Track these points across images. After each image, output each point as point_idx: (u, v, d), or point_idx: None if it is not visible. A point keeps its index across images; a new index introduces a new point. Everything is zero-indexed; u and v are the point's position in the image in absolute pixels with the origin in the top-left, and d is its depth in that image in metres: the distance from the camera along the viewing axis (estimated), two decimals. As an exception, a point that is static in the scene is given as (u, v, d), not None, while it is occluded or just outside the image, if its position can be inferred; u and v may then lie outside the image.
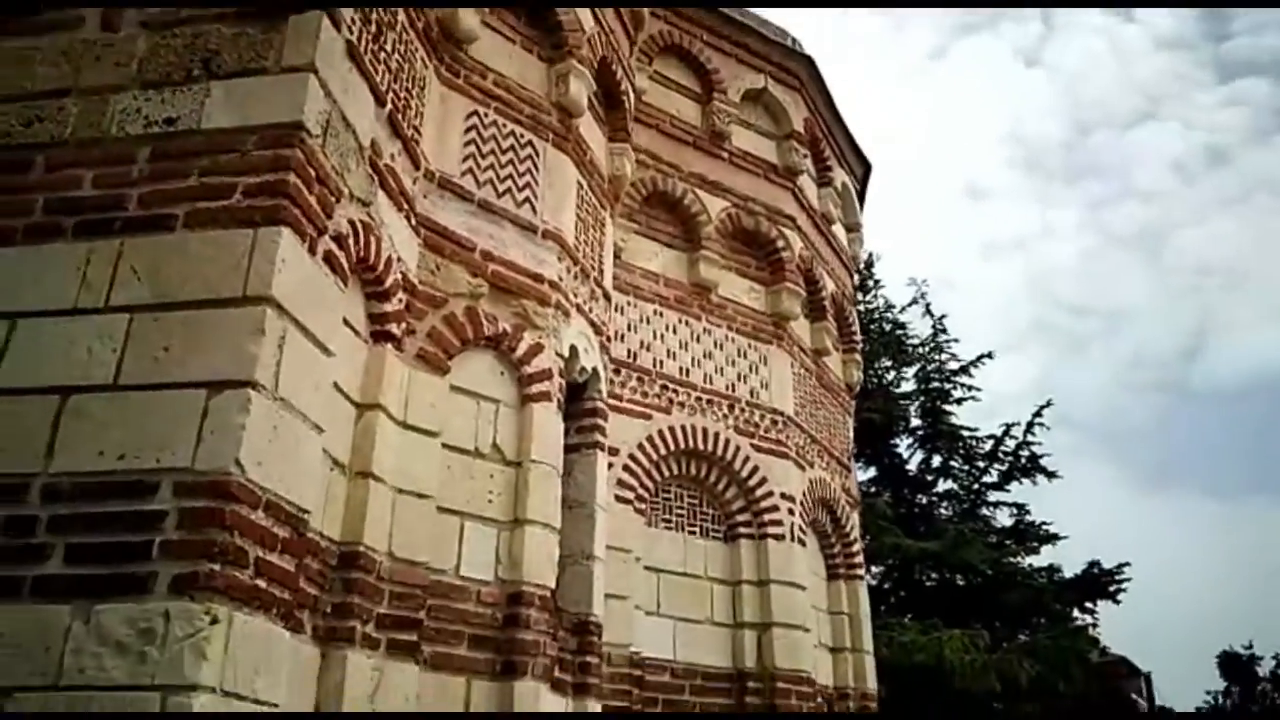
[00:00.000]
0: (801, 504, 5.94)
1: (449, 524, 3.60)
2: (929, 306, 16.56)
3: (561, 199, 4.52)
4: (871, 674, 6.48)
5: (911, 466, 15.98)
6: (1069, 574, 14.92)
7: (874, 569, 14.27)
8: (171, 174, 2.81)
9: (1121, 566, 14.54)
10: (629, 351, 5.52)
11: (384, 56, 3.52)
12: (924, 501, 15.84)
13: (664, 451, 5.44)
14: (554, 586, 3.89)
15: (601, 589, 4.30)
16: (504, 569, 3.68)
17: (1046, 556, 15.56)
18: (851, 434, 7.55)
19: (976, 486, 15.73)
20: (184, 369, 2.53)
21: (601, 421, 4.69)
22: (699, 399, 5.70)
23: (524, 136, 4.43)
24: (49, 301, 2.68)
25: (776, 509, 5.70)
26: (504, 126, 4.36)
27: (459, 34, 4.18)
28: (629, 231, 5.71)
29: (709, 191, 6.17)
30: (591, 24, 4.87)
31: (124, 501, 2.38)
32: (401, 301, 3.61)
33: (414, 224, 3.78)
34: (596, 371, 4.66)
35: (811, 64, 6.99)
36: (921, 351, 16.45)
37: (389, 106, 3.53)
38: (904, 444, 16.05)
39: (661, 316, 5.77)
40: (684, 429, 5.56)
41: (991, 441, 15.56)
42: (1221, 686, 20.86)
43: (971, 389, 15.80)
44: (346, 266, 3.14)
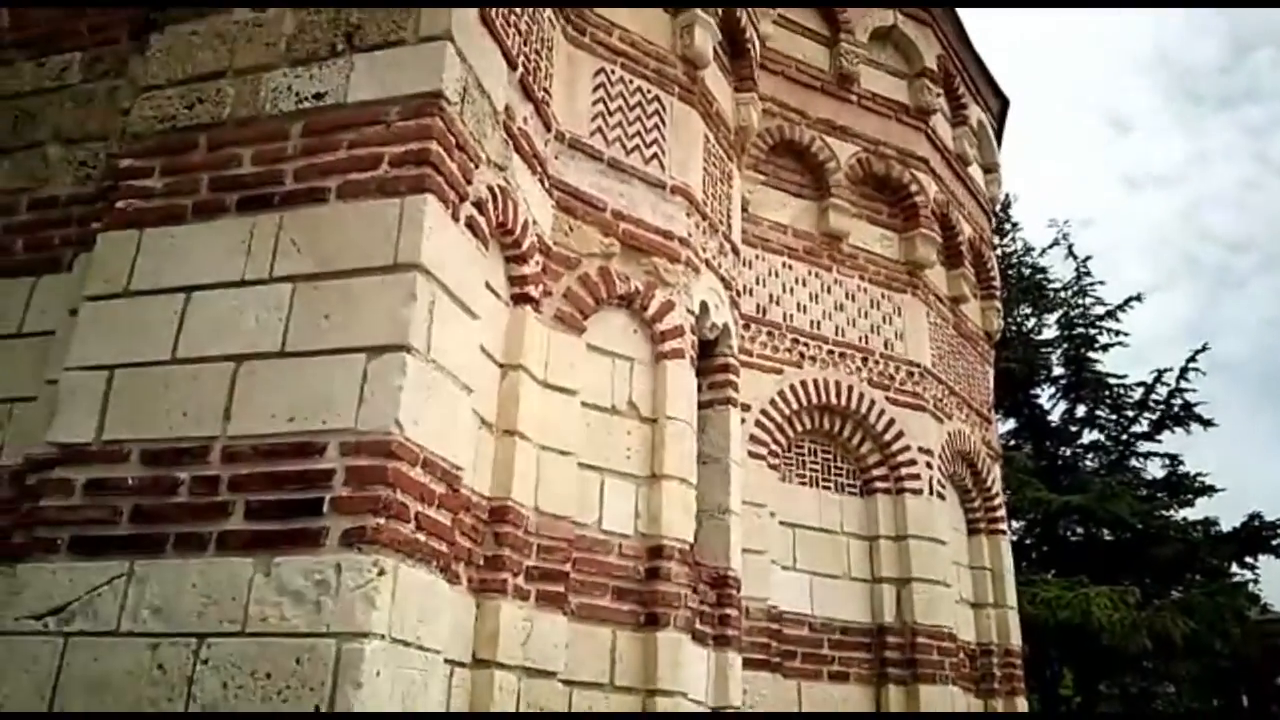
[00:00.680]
0: (940, 457, 5.80)
1: (590, 479, 3.68)
2: (1071, 248, 15.74)
3: (688, 153, 4.49)
4: (1015, 630, 6.32)
5: (1054, 417, 15.35)
6: (1226, 527, 14.09)
7: (1015, 524, 13.83)
8: (322, 148, 2.93)
9: None
10: (758, 306, 5.48)
11: (514, 20, 3.56)
12: (1067, 453, 15.22)
13: (796, 406, 5.39)
14: (692, 541, 3.94)
15: (738, 543, 4.33)
16: (643, 523, 3.75)
17: (1201, 509, 14.72)
18: (991, 384, 7.30)
19: (1125, 437, 14.98)
20: (344, 335, 2.66)
21: (733, 377, 4.68)
22: (831, 352, 5.62)
23: (650, 92, 4.41)
24: (219, 274, 2.85)
25: (914, 463, 5.59)
26: (630, 83, 4.35)
27: (584, -8, 4.17)
28: (756, 183, 5.63)
29: (837, 137, 6.01)
30: (715, -28, 4.77)
31: (295, 461, 2.54)
32: (538, 264, 3.68)
33: (547, 186, 3.83)
34: (727, 327, 4.65)
35: (944, -2, 6.68)
36: (1063, 296, 15.69)
37: (520, 70, 3.58)
38: (1046, 394, 15.42)
39: (791, 269, 5.69)
40: (816, 383, 5.49)
41: (1141, 389, 14.76)
42: None
43: (1118, 334, 14.99)
44: (487, 231, 3.22)
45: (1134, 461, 14.88)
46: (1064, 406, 15.29)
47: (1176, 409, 14.63)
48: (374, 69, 3.00)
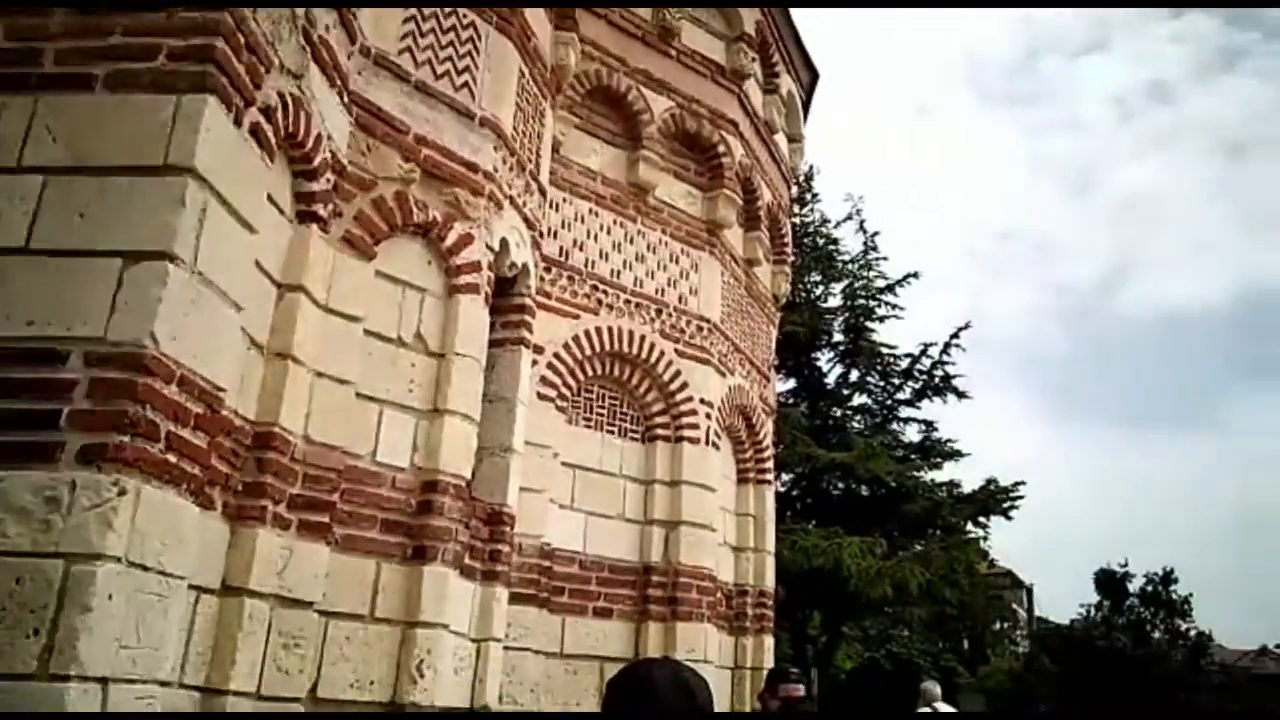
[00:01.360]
0: (719, 410, 6.09)
1: (368, 410, 3.61)
2: (863, 223, 16.71)
3: (502, 86, 4.40)
4: (771, 573, 6.80)
5: (830, 380, 16.40)
6: (967, 490, 15.67)
7: (785, 476, 14.77)
8: (91, 30, 2.65)
9: (1016, 485, 15.31)
10: (561, 249, 5.50)
11: (322, -82, 3.33)
12: (838, 414, 16.33)
13: (589, 352, 5.49)
14: (469, 477, 3.96)
15: (517, 482, 4.39)
16: (420, 457, 3.72)
17: (948, 472, 16.31)
18: (773, 344, 7.71)
19: (890, 402, 16.26)
20: (99, 237, 2.45)
21: (528, 318, 4.70)
22: (628, 302, 5.74)
23: (466, 17, 4.28)
24: (-48, 154, 2.54)
25: (695, 413, 5.84)
26: (446, 6, 4.19)
27: (404, -100, 3.96)
28: (569, 125, 5.61)
29: (654, 90, 6.07)
30: (545, -97, 4.66)
31: (31, 369, 2.33)
32: (329, 182, 3.52)
33: (346, 101, 3.65)
34: (526, 267, 4.65)
35: (769, -33, 6.83)
36: (851, 268, 16.68)
37: (325, -27, 3.36)
38: (825, 358, 16.42)
39: (597, 216, 5.74)
40: (610, 331, 5.60)
41: (908, 360, 16.03)
42: (1095, 600, 22.27)
43: (896, 307, 16.14)
44: (274, 141, 3.03)
45: (895, 425, 16.19)
46: (840, 371, 16.38)
47: (937, 380, 16.00)
48: (156, -53, 2.73)
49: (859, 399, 16.40)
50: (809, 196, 17.00)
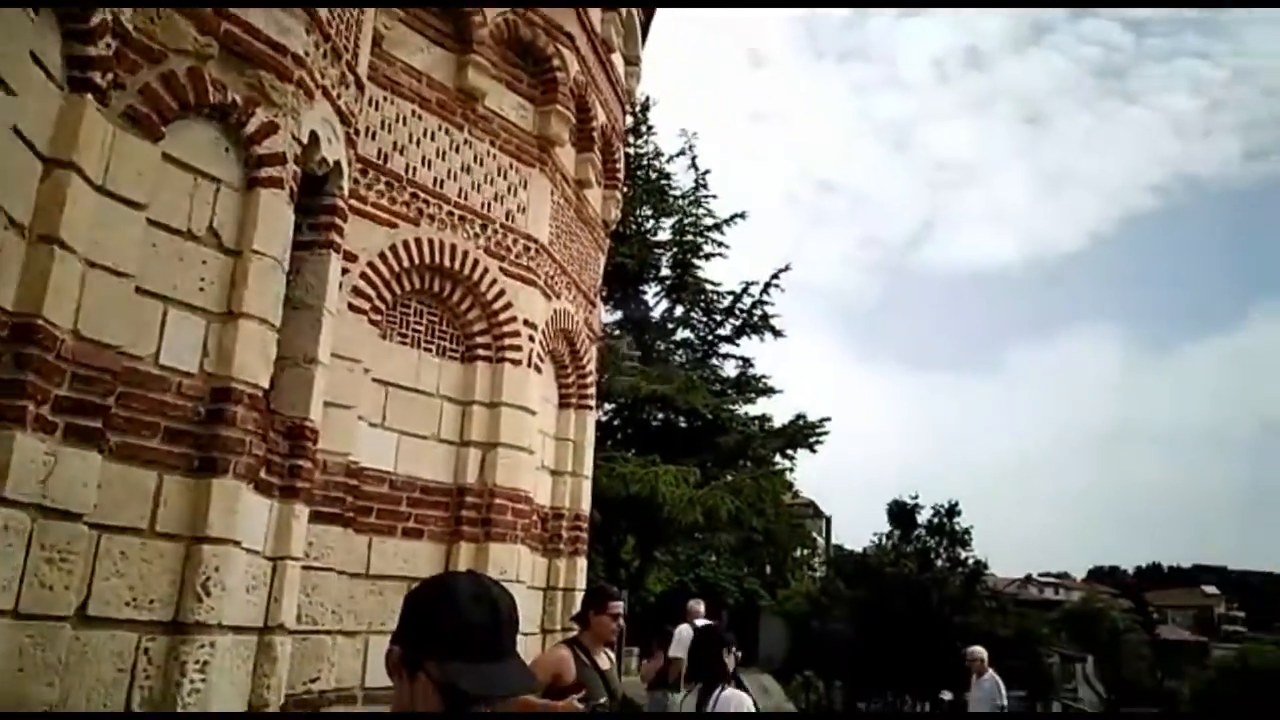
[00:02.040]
0: (543, 332, 5.99)
1: (150, 308, 3.26)
2: (695, 160, 16.87)
3: (318, -36, 4.02)
4: (587, 498, 6.85)
5: (655, 313, 16.64)
6: (777, 424, 16.40)
7: (607, 405, 14.92)
8: None
9: (823, 421, 16.16)
10: (380, 152, 5.17)
11: None
12: (662, 347, 16.64)
13: (407, 264, 5.23)
14: (268, 387, 3.69)
15: (321, 395, 4.14)
16: (211, 362, 3.42)
17: (761, 407, 16.98)
18: (601, 270, 7.65)
19: (710, 338, 16.69)
20: None
21: (339, 221, 4.39)
22: (451, 214, 5.49)
23: (279, -119, 3.85)
24: None
25: (517, 334, 5.71)
26: None
27: None
28: (394, 18, 5.24)
29: (488, -8, 5.75)
30: None
31: None
32: (110, 47, 3.10)
33: (131, -44, 3.21)
34: (339, 165, 4.32)
35: (614, -124, 6.58)
36: (682, 204, 16.86)
37: None
38: (652, 291, 16.62)
39: (420, 120, 5.42)
40: (431, 243, 5.35)
41: (730, 298, 16.46)
42: (887, 530, 23.97)
43: (722, 245, 16.49)
44: (34, -12, 2.62)
45: (714, 361, 16.67)
46: (665, 305, 16.64)
47: (756, 319, 16.54)
48: None
49: (682, 333, 16.76)
50: (644, 128, 16.96)
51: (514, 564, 5.40)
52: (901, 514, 23.73)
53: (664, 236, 16.61)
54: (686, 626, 9.03)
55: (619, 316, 16.29)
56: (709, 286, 16.28)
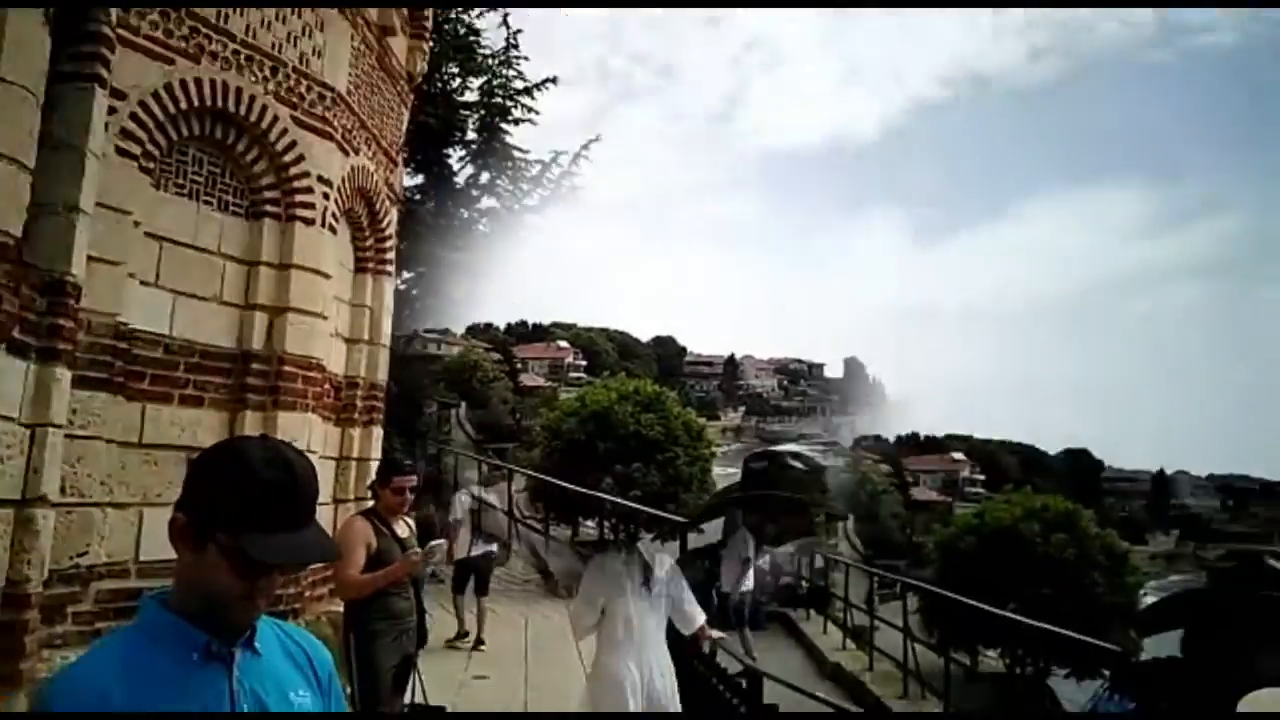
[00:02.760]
0: (339, 190, 5.63)
1: None
2: (506, 17, 16.07)
3: None
4: (383, 367, 6.66)
5: (460, 179, 16.04)
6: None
7: (407, 273, 14.42)
8: None
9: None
10: (152, -26, 4.55)
11: None
12: (466, 215, 16.14)
13: (185, 106, 4.71)
14: (20, 236, 3.28)
15: (84, 248, 3.73)
16: (-53, 204, 2.99)
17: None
18: (404, 127, 7.24)
19: (516, 208, 16.36)
20: None
21: (105, 52, 3.88)
22: (236, 53, 4.96)
23: None
24: None
25: (310, 191, 5.34)
26: None
27: None
28: None
29: None
30: None
31: None
32: None
33: None
34: (103, -13, 3.79)
35: None
36: (491, 64, 16.11)
37: None
38: (456, 155, 15.96)
39: (200, -59, 4.80)
40: (214, 84, 4.84)
41: (539, 167, 16.11)
42: None
43: (532, 111, 15.98)
44: None
45: (522, 234, 16.40)
46: (471, 171, 16.06)
47: (564, 189, 16.33)
48: None
49: (487, 202, 16.30)
50: (452, -23, 15.90)
51: (305, 433, 5.21)
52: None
53: (471, 98, 15.87)
54: (464, 493, 9.17)
55: (421, 180, 15.56)
56: (517, 154, 15.83)
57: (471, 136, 15.83)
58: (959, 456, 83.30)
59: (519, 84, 15.94)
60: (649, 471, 17.56)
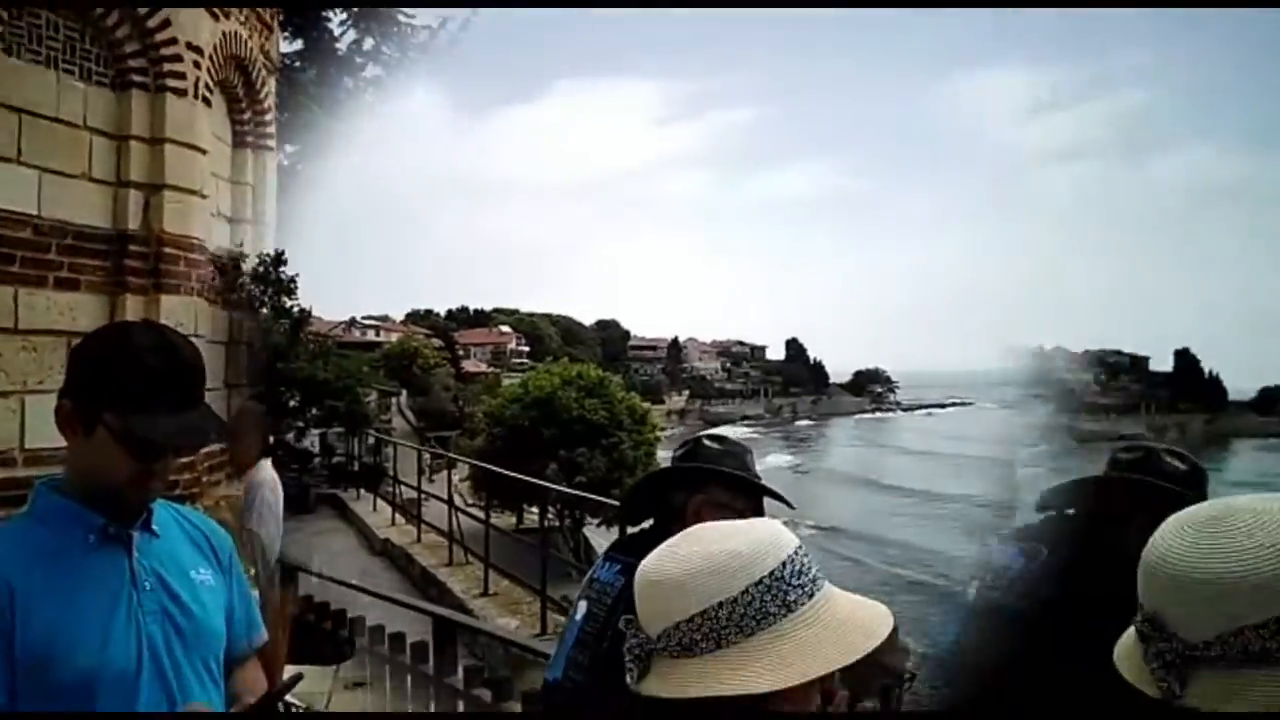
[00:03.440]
0: (211, 59, 5.32)
1: None
2: None
3: None
4: (270, 245, 6.48)
5: (342, 45, 15.16)
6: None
7: (290, 147, 13.74)
8: None
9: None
10: None
11: None
12: (350, 84, 15.34)
13: (31, -38, 4.34)
14: None
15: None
16: None
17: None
18: (279, -9, 6.81)
19: (404, 77, 15.62)
20: None
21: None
22: (86, -96, 4.56)
23: None
24: None
25: (180, 59, 5.03)
26: None
27: None
28: None
29: None
30: None
31: None
32: None
33: None
34: None
35: None
36: (370, -84, 15.02)
37: None
38: (337, 19, 15.02)
39: None
40: (62, -61, 4.45)
41: (427, 32, 15.33)
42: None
43: (415, -30, 15.07)
44: None
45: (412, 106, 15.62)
46: (353, 36, 15.18)
47: (451, 59, 15.56)
48: None
49: (373, 70, 15.49)
50: None
51: (191, 318, 5.08)
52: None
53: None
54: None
55: (300, 46, 14.62)
56: (403, 18, 14.97)
57: (353, -3, 14.89)
58: (506, 329, 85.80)
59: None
60: (593, 456, 18.10)
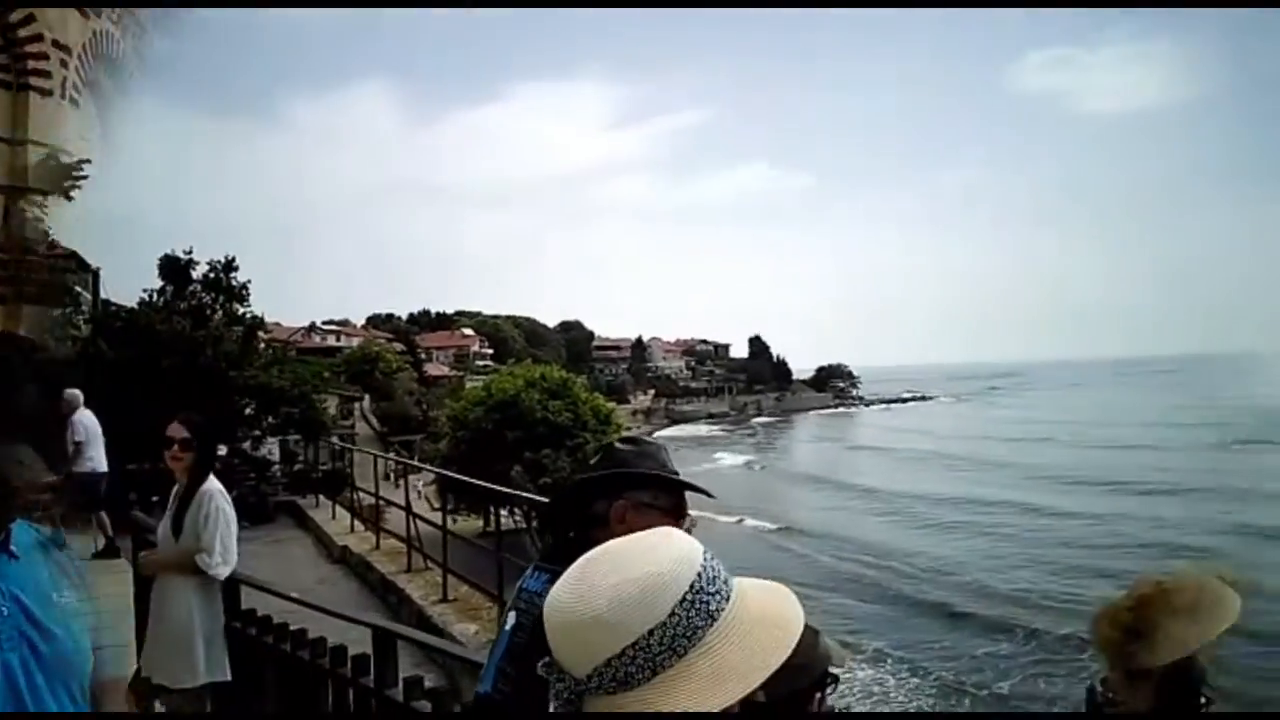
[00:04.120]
0: (79, 58, 6.20)
1: None
2: None
3: None
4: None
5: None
6: None
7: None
8: None
9: (81, 164, 14.44)
10: None
11: None
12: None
13: None
14: None
15: None
16: None
17: None
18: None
19: None
20: None
21: None
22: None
23: None
24: None
25: (45, 57, 5.94)
26: None
27: None
28: None
29: None
30: None
31: None
32: None
33: None
34: None
35: None
36: None
37: None
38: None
39: None
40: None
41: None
42: (159, 285, 22.66)
43: None
44: None
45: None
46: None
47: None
48: None
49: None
50: None
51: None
52: (174, 269, 22.76)
53: None
54: (87, 412, 9.23)
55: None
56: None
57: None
58: (468, 332, 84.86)
59: None
60: (558, 458, 17.93)
